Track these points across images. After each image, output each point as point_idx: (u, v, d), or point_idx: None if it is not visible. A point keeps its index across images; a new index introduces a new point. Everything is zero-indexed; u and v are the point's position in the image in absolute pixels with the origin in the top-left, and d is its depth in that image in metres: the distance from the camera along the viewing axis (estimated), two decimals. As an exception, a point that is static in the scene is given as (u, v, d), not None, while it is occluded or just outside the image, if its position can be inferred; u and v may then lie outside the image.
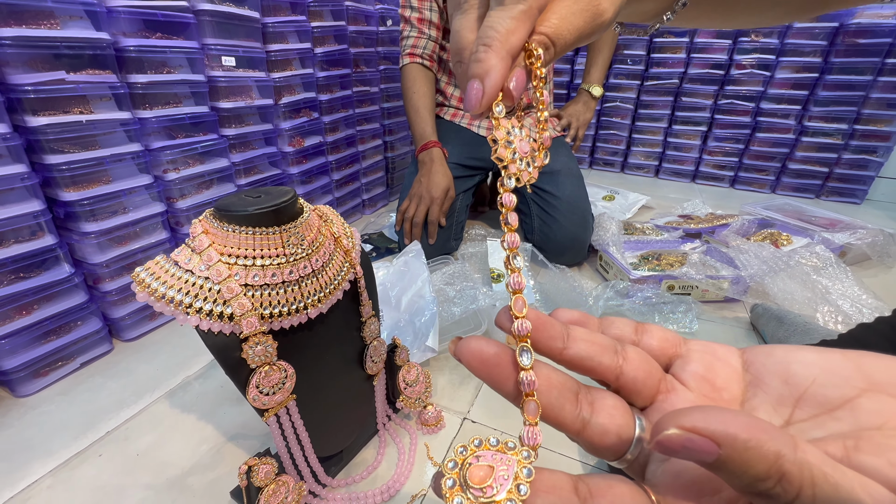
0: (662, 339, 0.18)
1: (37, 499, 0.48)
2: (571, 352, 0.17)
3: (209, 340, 0.37)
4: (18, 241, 0.59)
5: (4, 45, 0.53)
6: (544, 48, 0.18)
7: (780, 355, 0.16)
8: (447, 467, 0.15)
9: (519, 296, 0.17)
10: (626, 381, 0.17)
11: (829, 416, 0.14)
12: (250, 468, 0.39)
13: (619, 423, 0.16)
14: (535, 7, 0.18)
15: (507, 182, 0.18)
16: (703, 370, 0.17)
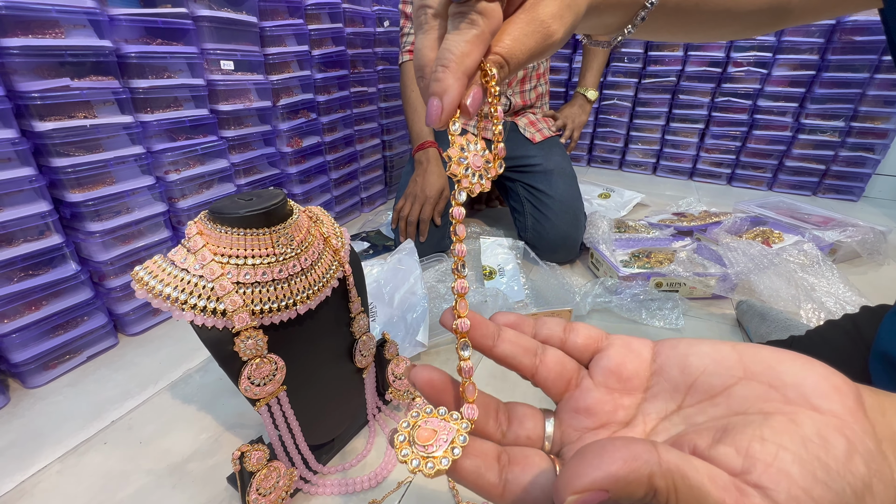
0: (587, 336, 0.21)
1: (46, 483, 0.51)
2: (498, 350, 0.20)
3: (203, 335, 0.40)
4: (27, 240, 0.62)
5: (12, 54, 0.56)
6: (498, 67, 0.21)
7: (682, 348, 0.18)
8: (402, 426, 0.18)
9: (462, 298, 0.20)
10: (540, 379, 0.20)
11: (710, 403, 0.16)
12: (243, 454, 0.42)
13: (529, 428, 0.20)
14: (488, 31, 0.20)
15: (458, 196, 0.20)
16: (615, 364, 0.19)
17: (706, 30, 0.35)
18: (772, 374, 0.16)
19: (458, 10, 0.20)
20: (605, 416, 0.19)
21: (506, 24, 0.21)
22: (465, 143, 0.20)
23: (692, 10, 0.32)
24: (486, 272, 0.92)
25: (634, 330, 0.80)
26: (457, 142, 0.20)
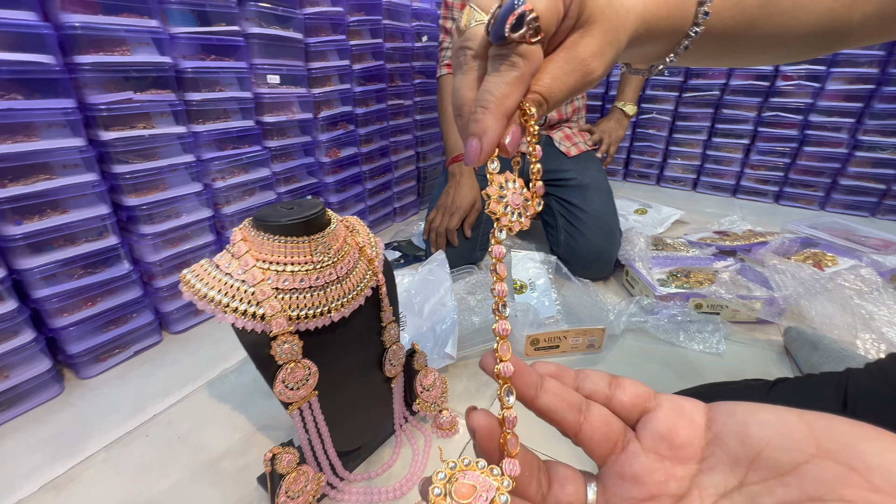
0: (634, 394, 0.19)
1: (92, 471, 0.54)
2: (541, 402, 0.19)
3: (243, 337, 0.42)
4: (88, 240, 0.67)
5: (84, 69, 0.61)
6: (538, 105, 0.21)
7: (741, 415, 0.17)
8: (437, 478, 0.17)
9: (504, 341, 0.19)
10: (584, 438, 0.19)
11: (779, 482, 0.15)
12: (274, 456, 0.43)
13: (570, 493, 0.18)
14: (528, 73, 0.20)
15: (499, 234, 0.20)
16: (665, 428, 0.18)
17: (754, 56, 0.33)
18: (851, 453, 0.14)
19: (498, 53, 0.20)
20: (654, 487, 0.17)
21: (546, 61, 0.21)
22: (503, 182, 0.20)
23: (740, 35, 0.31)
24: (517, 286, 0.91)
25: (671, 352, 0.76)
26: (496, 180, 0.20)
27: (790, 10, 0.30)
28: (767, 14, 0.30)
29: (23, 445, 0.58)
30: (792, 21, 0.30)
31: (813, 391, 0.40)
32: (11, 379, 0.61)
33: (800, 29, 0.31)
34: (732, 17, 0.29)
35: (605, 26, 0.22)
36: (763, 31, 0.30)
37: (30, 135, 0.58)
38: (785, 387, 0.42)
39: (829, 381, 0.40)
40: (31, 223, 0.60)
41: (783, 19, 0.30)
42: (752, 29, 0.30)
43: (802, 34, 0.31)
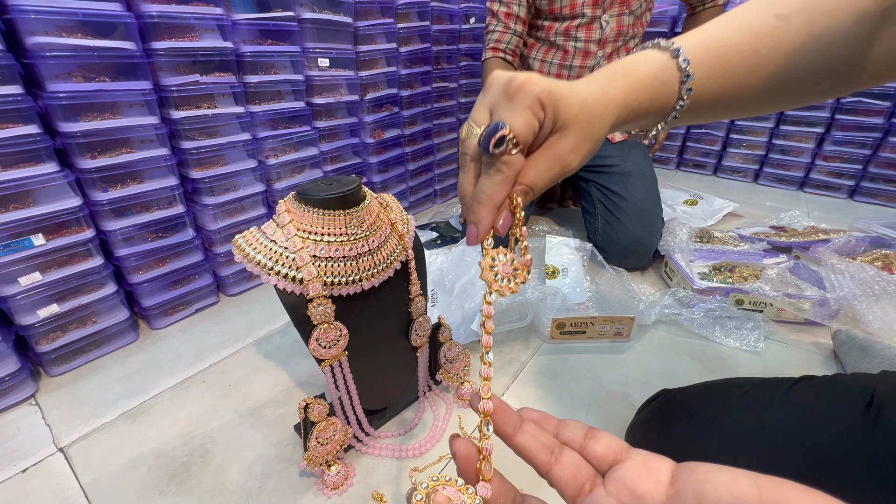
0: (607, 445, 0.21)
1: (160, 406, 0.63)
2: (517, 440, 0.21)
3: (283, 298, 0.47)
4: (160, 208, 0.75)
5: (160, 54, 0.68)
6: (524, 194, 0.26)
7: (700, 474, 0.18)
8: (421, 486, 0.21)
9: (487, 383, 0.23)
10: (554, 477, 0.21)
11: None
12: (307, 405, 0.48)
13: None
14: (511, 175, 0.25)
15: (489, 297, 0.24)
16: (630, 478, 0.19)
17: (756, 108, 0.32)
18: None
19: (488, 161, 0.25)
20: None
21: (531, 158, 0.26)
22: (495, 255, 0.25)
23: (731, 99, 0.31)
24: (550, 271, 0.91)
25: (705, 347, 0.74)
26: (489, 253, 0.25)
27: (781, 70, 0.29)
28: (757, 78, 0.30)
29: (106, 380, 0.68)
30: (787, 78, 0.30)
31: (837, 391, 0.39)
32: (98, 324, 0.71)
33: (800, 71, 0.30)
34: (720, 86, 0.30)
35: (579, 127, 0.26)
36: (756, 91, 0.30)
37: (115, 113, 0.67)
38: (809, 385, 0.41)
39: (859, 382, 0.39)
40: (115, 191, 0.69)
41: (776, 78, 0.30)
42: (742, 91, 0.30)
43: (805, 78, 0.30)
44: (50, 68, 0.60)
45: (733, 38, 0.30)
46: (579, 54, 1.00)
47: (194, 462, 0.54)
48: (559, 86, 0.26)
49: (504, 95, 0.25)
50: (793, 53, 0.29)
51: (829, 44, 0.29)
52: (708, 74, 0.29)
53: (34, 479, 0.53)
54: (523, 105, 0.24)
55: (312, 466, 0.49)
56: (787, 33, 0.29)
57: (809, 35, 0.29)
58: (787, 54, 0.29)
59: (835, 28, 0.29)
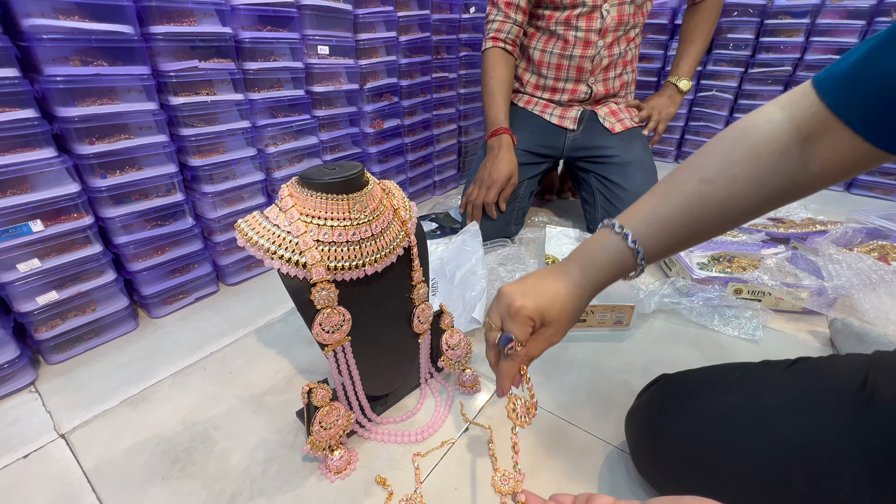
0: None
1: (161, 392, 0.63)
2: None
3: (287, 282, 0.46)
4: (159, 195, 0.75)
5: (158, 39, 0.67)
6: (529, 360, 0.42)
7: None
8: None
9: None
10: None
11: None
12: (311, 390, 0.48)
13: None
14: (519, 359, 0.41)
15: (515, 430, 0.41)
16: None
17: (717, 234, 0.38)
18: None
19: (504, 352, 0.41)
20: None
21: (530, 341, 0.41)
22: (515, 401, 0.42)
23: (684, 245, 0.38)
24: (549, 261, 0.92)
25: (703, 335, 0.75)
26: (511, 400, 0.42)
27: (719, 218, 0.36)
28: (699, 229, 0.37)
29: (106, 368, 0.68)
30: (728, 219, 0.36)
31: (832, 371, 0.39)
32: (97, 312, 0.71)
33: (742, 216, 0.36)
34: (670, 246, 0.38)
35: (558, 323, 0.40)
36: (703, 236, 0.38)
37: (113, 98, 0.66)
38: (805, 365, 0.41)
39: (854, 361, 0.39)
40: (114, 177, 0.68)
41: (717, 223, 0.36)
42: (690, 240, 0.38)
43: (748, 215, 0.36)
44: (47, 51, 0.59)
45: (668, 209, 0.37)
46: (580, 44, 0.99)
47: (197, 447, 0.54)
48: (543, 301, 0.38)
49: (508, 314, 0.39)
50: (725, 203, 0.35)
51: (760, 184, 0.34)
52: (656, 243, 0.37)
53: (35, 464, 0.53)
54: (521, 321, 0.38)
55: (316, 451, 0.49)
56: (713, 192, 0.35)
57: (735, 186, 0.35)
58: (719, 206, 0.35)
59: (761, 171, 0.34)
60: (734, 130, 0.36)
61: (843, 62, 0.32)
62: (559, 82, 1.05)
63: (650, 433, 0.48)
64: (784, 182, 0.34)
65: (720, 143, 0.37)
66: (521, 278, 0.42)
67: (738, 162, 0.35)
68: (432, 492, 0.49)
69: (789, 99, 0.35)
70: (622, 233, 0.38)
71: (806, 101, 0.33)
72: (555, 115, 1.06)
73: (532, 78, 1.09)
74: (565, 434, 0.56)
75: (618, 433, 0.56)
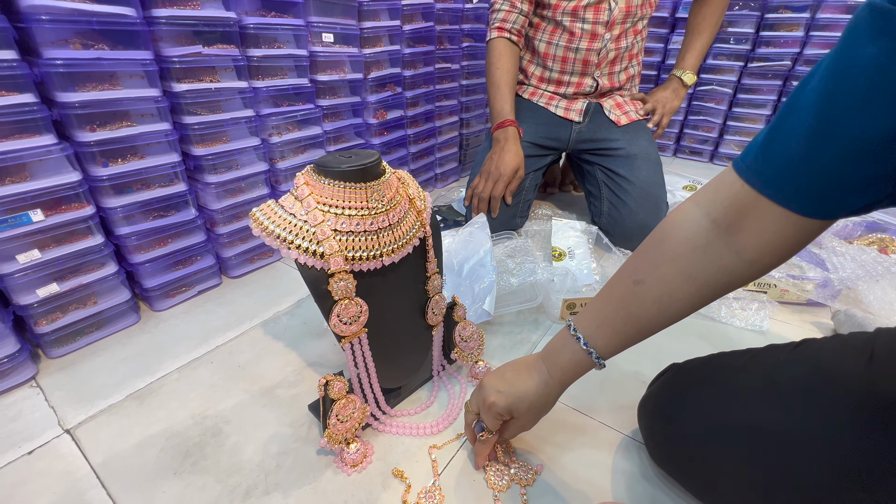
0: None
1: (168, 387, 0.62)
2: None
3: (304, 272, 0.45)
4: (161, 185, 0.73)
5: (160, 23, 0.65)
6: (503, 441, 0.52)
7: None
8: None
9: None
10: None
11: None
12: (327, 382, 0.47)
13: None
14: (491, 442, 0.49)
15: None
16: None
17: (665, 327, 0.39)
18: None
19: (479, 437, 0.48)
20: None
21: (503, 426, 0.47)
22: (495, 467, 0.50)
23: (635, 338, 0.40)
24: (556, 253, 0.91)
25: (711, 327, 0.75)
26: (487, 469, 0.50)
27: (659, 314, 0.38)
28: (643, 324, 0.39)
29: (110, 362, 0.66)
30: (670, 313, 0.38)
31: (839, 348, 0.40)
32: (98, 305, 0.69)
33: (686, 308, 0.37)
34: (620, 340, 0.40)
35: (526, 417, 0.46)
36: (650, 328, 0.39)
37: (114, 84, 0.64)
38: (812, 344, 0.42)
39: (858, 338, 0.40)
40: (115, 166, 0.66)
41: (660, 317, 0.38)
42: (640, 333, 0.40)
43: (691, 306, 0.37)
44: (46, 33, 0.57)
45: (610, 310, 0.40)
46: (586, 36, 0.98)
47: (208, 442, 0.53)
48: (513, 400, 0.44)
49: (483, 406, 0.46)
50: (660, 301, 0.37)
51: (691, 278, 0.36)
52: (605, 343, 0.41)
53: (41, 460, 0.51)
54: (492, 415, 0.45)
55: (333, 444, 0.48)
56: (647, 292, 0.37)
57: (666, 285, 0.37)
58: (655, 304, 0.37)
59: (689, 267, 0.35)
60: (658, 231, 0.38)
61: (758, 139, 0.31)
62: (564, 75, 1.05)
63: (663, 420, 0.48)
64: (718, 274, 0.35)
65: (648, 244, 0.39)
66: (501, 369, 0.48)
67: (664, 262, 0.37)
68: (450, 484, 0.49)
69: (703, 194, 0.35)
70: (575, 335, 0.42)
71: (721, 191, 0.34)
72: (560, 106, 1.06)
73: (537, 70, 1.08)
74: (581, 425, 0.56)
75: (631, 422, 0.56)
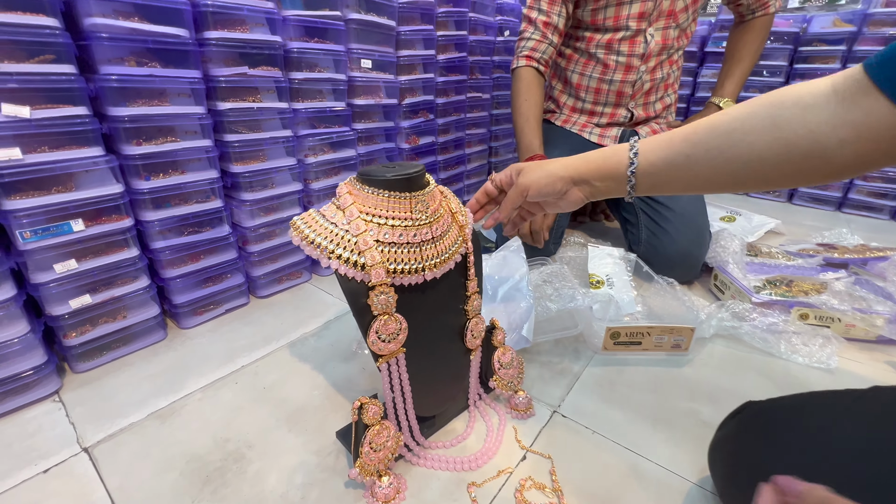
0: None
1: (190, 406, 0.59)
2: None
3: (344, 284, 0.43)
4: (198, 201, 0.73)
5: (211, 44, 0.67)
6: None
7: None
8: None
9: None
10: None
11: None
12: (362, 405, 0.44)
13: None
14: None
15: None
16: None
17: (716, 179, 0.39)
18: None
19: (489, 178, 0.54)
20: None
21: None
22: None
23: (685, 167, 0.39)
24: (593, 281, 0.87)
25: (771, 363, 0.69)
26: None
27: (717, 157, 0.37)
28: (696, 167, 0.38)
29: (134, 378, 0.64)
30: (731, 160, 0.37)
31: None
32: (127, 319, 0.68)
33: (751, 165, 0.36)
34: (667, 165, 0.39)
35: (526, 175, 0.49)
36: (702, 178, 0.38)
37: (163, 100, 0.65)
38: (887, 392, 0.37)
39: None
40: (157, 180, 0.67)
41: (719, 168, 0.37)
42: (689, 173, 0.39)
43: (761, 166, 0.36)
44: (104, 50, 0.59)
45: (677, 132, 0.40)
46: (620, 69, 0.98)
47: (229, 468, 0.50)
48: (526, 166, 0.50)
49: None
50: (731, 134, 0.36)
51: (776, 126, 0.35)
52: (653, 147, 0.40)
53: (56, 479, 0.48)
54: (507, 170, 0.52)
55: (365, 475, 0.44)
56: (724, 119, 0.37)
57: (748, 119, 0.36)
58: (725, 134, 0.36)
59: (783, 116, 0.35)
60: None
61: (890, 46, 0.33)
62: (598, 106, 1.04)
63: (747, 469, 0.42)
64: (804, 137, 0.34)
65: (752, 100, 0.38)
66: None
67: (759, 103, 0.36)
68: (493, 528, 0.43)
69: (835, 75, 0.36)
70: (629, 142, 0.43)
71: (848, 72, 0.34)
72: (594, 133, 1.04)
73: (569, 101, 1.08)
74: (636, 468, 0.50)
75: (696, 468, 0.50)
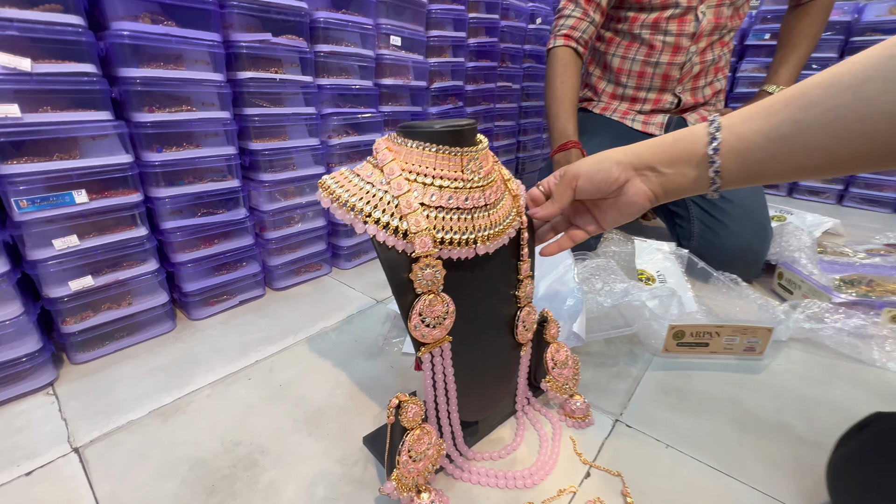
0: None
1: (198, 403, 0.52)
2: None
3: (383, 254, 0.36)
4: (213, 179, 0.67)
5: (232, 5, 0.62)
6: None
7: None
8: None
9: None
10: None
11: None
12: (400, 404, 0.36)
13: None
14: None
15: None
16: None
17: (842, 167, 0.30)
18: None
19: None
20: None
21: None
22: None
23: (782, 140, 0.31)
24: (643, 277, 0.78)
25: (863, 371, 0.59)
26: None
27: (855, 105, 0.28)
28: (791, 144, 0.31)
29: (136, 372, 0.57)
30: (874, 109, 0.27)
31: None
32: (133, 306, 0.62)
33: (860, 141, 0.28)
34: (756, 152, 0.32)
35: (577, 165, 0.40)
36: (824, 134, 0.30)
37: (178, 65, 0.60)
38: None
39: None
40: (169, 152, 0.61)
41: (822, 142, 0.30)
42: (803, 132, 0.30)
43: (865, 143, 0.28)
44: (116, 6, 0.53)
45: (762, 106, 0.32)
46: (668, 49, 0.90)
47: (239, 476, 0.42)
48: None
49: None
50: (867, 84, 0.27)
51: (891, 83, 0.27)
52: (742, 118, 0.33)
53: (39, 484, 0.42)
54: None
55: (402, 491, 0.36)
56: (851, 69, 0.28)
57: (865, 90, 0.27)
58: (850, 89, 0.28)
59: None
60: None
61: None
62: (640, 91, 0.96)
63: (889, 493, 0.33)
64: None
65: None
66: None
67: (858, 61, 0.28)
68: (560, 563, 0.35)
69: None
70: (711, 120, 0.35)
71: None
72: (637, 120, 0.96)
73: (608, 87, 1.00)
74: (728, 491, 0.41)
75: (802, 494, 0.41)
